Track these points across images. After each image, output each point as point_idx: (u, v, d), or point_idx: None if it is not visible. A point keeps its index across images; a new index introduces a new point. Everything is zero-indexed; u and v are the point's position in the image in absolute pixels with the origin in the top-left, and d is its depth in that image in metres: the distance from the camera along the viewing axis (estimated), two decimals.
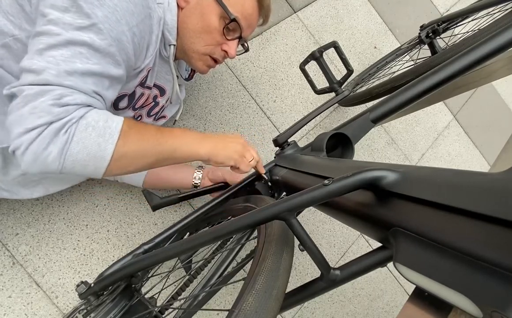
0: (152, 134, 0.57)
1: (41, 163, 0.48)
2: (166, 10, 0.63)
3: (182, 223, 0.69)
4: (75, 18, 0.47)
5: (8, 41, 0.54)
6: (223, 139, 0.67)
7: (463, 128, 1.66)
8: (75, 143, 0.48)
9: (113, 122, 0.51)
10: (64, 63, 0.47)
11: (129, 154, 0.53)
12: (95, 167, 0.51)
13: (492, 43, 0.53)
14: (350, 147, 0.65)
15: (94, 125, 0.49)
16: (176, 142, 0.60)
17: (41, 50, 0.47)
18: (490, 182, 0.26)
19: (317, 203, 0.37)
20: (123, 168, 0.54)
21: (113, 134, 0.50)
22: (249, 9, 0.68)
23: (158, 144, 0.57)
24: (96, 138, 0.49)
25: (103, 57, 0.51)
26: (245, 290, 0.34)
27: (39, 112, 0.46)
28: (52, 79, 0.46)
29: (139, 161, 0.56)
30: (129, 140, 0.53)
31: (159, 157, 0.58)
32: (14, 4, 0.53)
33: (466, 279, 0.23)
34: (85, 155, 0.49)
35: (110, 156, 0.50)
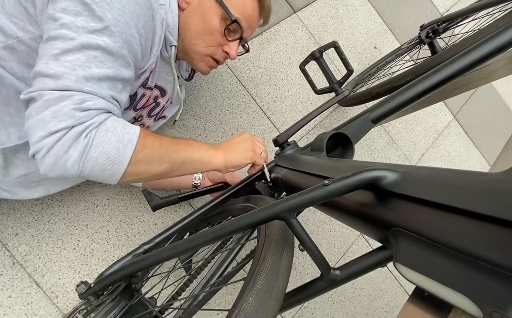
0: (168, 142, 0.59)
1: (61, 166, 0.48)
2: (167, 11, 0.63)
3: (182, 223, 0.69)
4: (88, 21, 0.48)
5: (12, 43, 0.54)
6: (232, 143, 0.69)
7: (463, 128, 1.66)
8: (95, 147, 0.48)
9: (132, 129, 0.53)
10: (81, 68, 0.48)
11: (146, 160, 0.55)
12: (113, 171, 0.51)
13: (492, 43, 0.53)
14: (350, 147, 0.65)
15: (113, 131, 0.50)
16: (191, 151, 0.62)
17: (57, 55, 0.47)
18: (490, 182, 0.26)
19: (317, 203, 0.37)
20: (139, 174, 0.55)
21: (131, 139, 0.52)
22: (249, 10, 0.68)
23: (174, 152, 0.59)
24: (115, 143, 0.50)
25: (116, 60, 0.51)
26: (245, 290, 0.34)
27: (61, 116, 0.46)
28: (72, 85, 0.47)
29: (155, 168, 0.57)
30: (147, 147, 0.54)
31: (174, 165, 0.60)
32: (18, 6, 0.53)
33: (466, 279, 0.23)
34: (104, 159, 0.49)
35: (128, 160, 0.51)
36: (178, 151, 0.60)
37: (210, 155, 0.65)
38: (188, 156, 0.61)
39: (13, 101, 0.57)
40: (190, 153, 0.62)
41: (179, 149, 0.60)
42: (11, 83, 0.56)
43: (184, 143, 0.62)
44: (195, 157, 0.63)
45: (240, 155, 0.68)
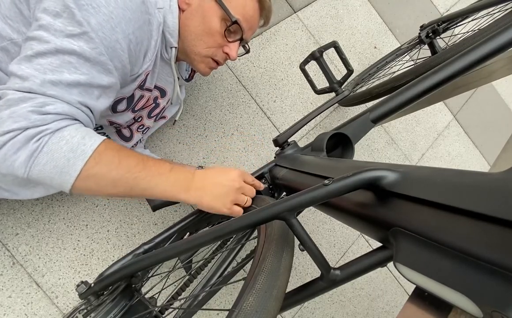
0: (132, 164, 0.54)
1: (9, 165, 0.47)
2: (167, 12, 0.63)
3: (182, 223, 0.69)
4: (66, 24, 0.47)
5: (6, 45, 0.54)
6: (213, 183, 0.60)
7: (463, 128, 1.66)
8: (44, 154, 0.47)
9: (90, 140, 0.50)
10: (51, 73, 0.47)
11: (98, 177, 0.51)
12: (61, 181, 0.49)
13: (492, 43, 0.53)
14: (350, 147, 0.65)
15: (68, 139, 0.48)
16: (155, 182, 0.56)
17: (30, 56, 0.47)
18: (490, 182, 0.26)
19: (317, 203, 0.37)
20: (89, 189, 0.52)
21: (85, 151, 0.49)
22: (250, 11, 0.68)
23: (133, 178, 0.54)
24: (66, 152, 0.48)
25: (92, 66, 0.50)
26: (245, 289, 0.34)
27: (17, 117, 0.46)
28: (35, 88, 0.46)
29: (108, 188, 0.53)
30: (102, 163, 0.51)
31: (129, 190, 0.55)
32: (13, 8, 0.53)
33: (466, 279, 0.23)
34: (52, 167, 0.48)
35: (77, 173, 0.49)
36: (140, 178, 0.54)
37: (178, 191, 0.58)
38: (151, 186, 0.56)
39: None
40: (154, 185, 0.56)
41: (141, 176, 0.54)
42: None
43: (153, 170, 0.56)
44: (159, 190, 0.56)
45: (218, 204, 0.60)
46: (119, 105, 0.67)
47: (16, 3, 0.53)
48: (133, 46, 0.55)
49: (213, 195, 0.60)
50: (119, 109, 0.68)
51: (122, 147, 0.55)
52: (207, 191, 0.60)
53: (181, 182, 0.59)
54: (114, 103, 0.66)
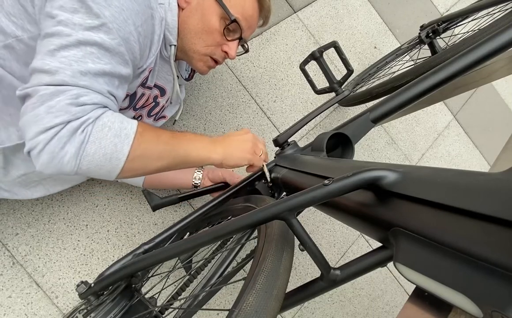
0: (167, 137, 0.58)
1: (57, 163, 0.47)
2: (167, 10, 0.63)
3: (182, 223, 0.69)
4: (85, 18, 0.47)
5: (11, 42, 0.54)
6: (233, 140, 0.67)
7: (463, 128, 1.66)
8: (92, 143, 0.48)
9: (129, 124, 0.52)
10: (77, 64, 0.47)
11: (144, 155, 0.54)
12: (111, 167, 0.51)
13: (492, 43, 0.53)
14: (350, 147, 0.65)
15: (110, 126, 0.49)
16: (189, 147, 0.61)
17: (53, 50, 0.47)
18: (490, 182, 0.26)
19: (317, 203, 0.37)
20: (137, 169, 0.55)
21: (129, 134, 0.51)
22: (249, 10, 0.68)
23: (172, 147, 0.58)
24: (112, 138, 0.49)
25: (113, 56, 0.51)
26: (245, 289, 0.34)
27: (56, 111, 0.45)
28: (67, 79, 0.46)
29: (153, 163, 0.56)
30: (144, 142, 0.53)
31: (172, 160, 0.59)
32: (17, 5, 0.53)
33: (466, 279, 0.23)
34: (101, 155, 0.49)
35: (126, 156, 0.51)
36: (177, 146, 0.59)
37: (208, 150, 0.64)
38: (187, 151, 0.60)
39: (13, 101, 0.57)
40: (189, 149, 0.61)
41: (177, 145, 0.59)
42: (11, 83, 0.56)
43: (183, 137, 0.61)
44: (194, 153, 0.62)
45: (239, 155, 0.67)
46: (122, 102, 0.67)
47: (19, 0, 0.53)
48: (142, 39, 0.56)
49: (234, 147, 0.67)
50: (121, 106, 0.68)
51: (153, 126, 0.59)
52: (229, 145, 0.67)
53: (207, 143, 0.64)
54: None
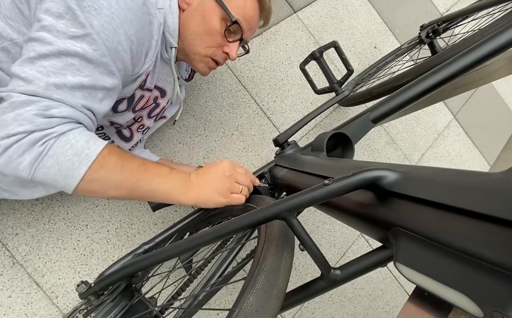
0: (133, 167, 0.55)
1: (14, 167, 0.47)
2: (167, 13, 0.63)
3: (182, 223, 0.69)
4: (69, 26, 0.47)
5: (7, 45, 0.54)
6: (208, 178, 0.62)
7: (463, 128, 1.66)
8: (49, 157, 0.48)
9: (94, 144, 0.51)
10: (55, 75, 0.47)
11: (102, 180, 0.52)
12: (65, 184, 0.50)
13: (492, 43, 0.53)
14: (350, 147, 0.65)
15: (73, 143, 0.49)
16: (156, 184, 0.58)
17: (33, 58, 0.47)
18: (490, 182, 0.26)
19: (318, 203, 0.37)
20: (94, 192, 0.53)
21: (89, 156, 0.50)
22: (250, 11, 0.68)
23: (137, 180, 0.56)
24: (71, 156, 0.49)
25: (95, 68, 0.50)
26: (245, 289, 0.34)
27: (22, 120, 0.46)
28: (40, 91, 0.46)
29: (111, 191, 0.54)
30: (105, 167, 0.52)
31: (133, 193, 0.56)
32: (14, 8, 0.53)
33: (466, 279, 0.23)
34: (56, 170, 0.48)
35: (81, 176, 0.50)
36: (142, 180, 0.56)
37: (179, 193, 0.60)
38: (152, 188, 0.57)
39: None
40: (155, 186, 0.57)
41: (143, 179, 0.56)
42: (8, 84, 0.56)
43: (153, 172, 0.58)
44: (160, 190, 0.58)
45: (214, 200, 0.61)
46: (120, 105, 0.67)
47: (16, 3, 0.53)
48: (135, 47, 0.55)
49: (209, 190, 0.61)
50: (119, 109, 0.68)
51: (124, 152, 0.57)
52: (203, 188, 0.61)
53: (179, 184, 0.60)
54: (115, 103, 0.66)
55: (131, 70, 0.58)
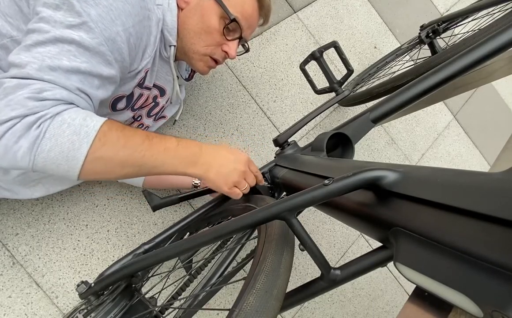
0: (138, 142, 0.52)
1: (11, 157, 0.45)
2: (166, 11, 0.63)
3: (182, 223, 0.69)
4: (66, 16, 0.47)
5: (6, 42, 0.54)
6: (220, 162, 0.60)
7: (463, 128, 1.66)
8: (47, 139, 0.45)
9: (92, 121, 0.48)
10: (49, 59, 0.46)
11: (105, 158, 0.49)
12: (68, 167, 0.48)
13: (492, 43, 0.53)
14: (350, 147, 0.65)
15: (70, 122, 0.46)
16: (163, 158, 0.55)
17: (29, 46, 0.46)
18: (490, 182, 0.26)
19: (318, 203, 0.37)
20: (99, 173, 0.51)
21: (89, 133, 0.47)
22: (249, 9, 0.68)
23: (142, 155, 0.52)
24: (70, 135, 0.46)
25: (92, 56, 0.50)
26: (245, 289, 0.34)
27: (14, 104, 0.44)
28: (33, 73, 0.45)
29: (117, 169, 0.51)
30: (108, 143, 0.49)
31: (140, 170, 0.53)
32: (13, 6, 0.53)
33: (466, 279, 0.23)
34: (57, 153, 0.46)
35: (83, 156, 0.47)
36: (147, 156, 0.53)
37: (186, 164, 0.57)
38: (158, 163, 0.54)
39: None
40: (161, 161, 0.54)
41: (148, 154, 0.53)
42: None
43: (159, 147, 0.54)
44: (167, 166, 0.55)
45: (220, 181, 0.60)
46: (119, 103, 0.67)
47: (15, 0, 0.53)
48: (133, 39, 0.55)
49: (219, 172, 0.59)
50: (118, 107, 0.68)
51: (125, 126, 0.54)
52: (214, 167, 0.59)
53: (188, 158, 0.57)
54: (113, 101, 0.66)
55: (129, 63, 0.58)
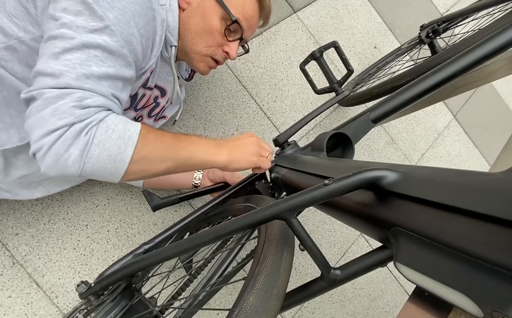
0: (170, 138, 0.58)
1: (62, 165, 0.47)
2: (167, 11, 0.63)
3: (182, 223, 0.69)
4: (89, 21, 0.47)
5: (13, 43, 0.54)
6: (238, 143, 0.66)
7: (463, 128, 1.66)
8: (96, 145, 0.48)
9: (132, 126, 0.52)
10: (81, 67, 0.47)
11: (148, 157, 0.54)
12: (115, 169, 0.51)
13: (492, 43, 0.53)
14: (350, 147, 0.65)
15: (114, 128, 0.49)
16: (193, 149, 0.60)
17: (57, 53, 0.47)
18: (491, 182, 0.26)
19: (318, 203, 0.37)
20: (141, 172, 0.55)
21: (132, 136, 0.51)
22: (250, 10, 0.68)
23: (176, 149, 0.58)
24: (116, 140, 0.49)
25: (116, 59, 0.51)
26: (245, 289, 0.34)
27: (61, 113, 0.46)
28: (72, 83, 0.47)
29: (158, 165, 0.56)
30: (148, 143, 0.53)
31: (176, 162, 0.58)
32: (19, 7, 0.53)
33: (466, 279, 0.23)
34: (105, 157, 0.49)
35: (129, 158, 0.51)
36: (181, 149, 0.58)
37: (214, 153, 0.62)
38: (191, 154, 0.59)
39: (14, 102, 0.57)
40: (193, 152, 0.60)
41: (181, 147, 0.58)
42: (12, 84, 0.56)
43: (186, 139, 0.61)
44: (198, 155, 0.60)
45: (245, 158, 0.65)
46: None
47: (21, 1, 0.53)
48: (144, 40, 0.56)
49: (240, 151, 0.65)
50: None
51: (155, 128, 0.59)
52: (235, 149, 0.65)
53: (212, 147, 0.62)
54: None
55: (141, 63, 0.59)
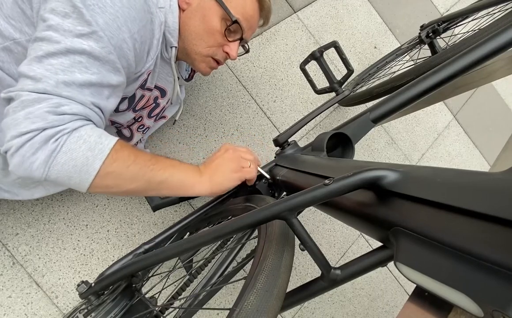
0: (146, 159, 0.56)
1: (27, 167, 0.47)
2: (167, 12, 0.63)
3: (182, 223, 0.69)
4: (75, 24, 0.47)
5: (9, 45, 0.54)
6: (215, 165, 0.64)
7: (463, 128, 1.66)
8: (63, 153, 0.48)
9: (106, 140, 0.51)
10: (63, 73, 0.47)
11: (116, 174, 0.52)
12: (79, 180, 0.50)
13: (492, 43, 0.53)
14: (350, 147, 0.65)
15: (86, 139, 0.49)
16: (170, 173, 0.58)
17: (40, 57, 0.47)
18: (491, 182, 0.26)
19: (318, 202, 0.37)
20: (108, 187, 0.53)
21: (103, 150, 0.50)
22: (250, 11, 0.68)
23: (150, 170, 0.56)
24: (85, 151, 0.49)
25: (102, 65, 0.50)
26: (246, 289, 0.34)
27: (34, 117, 0.46)
28: (50, 89, 0.47)
29: (126, 184, 0.54)
30: (119, 160, 0.52)
31: (148, 185, 0.56)
32: (15, 8, 0.53)
33: (467, 278, 0.23)
34: (71, 166, 0.48)
35: (96, 171, 0.50)
36: (156, 170, 0.56)
37: (193, 181, 0.60)
38: (166, 177, 0.58)
39: None
40: (169, 175, 0.58)
41: (156, 168, 0.56)
42: (10, 85, 0.56)
43: (165, 163, 0.59)
44: (174, 180, 0.58)
45: (227, 178, 0.63)
46: (121, 104, 0.67)
47: (18, 3, 0.53)
48: (138, 45, 0.56)
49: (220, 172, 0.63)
50: (120, 108, 0.68)
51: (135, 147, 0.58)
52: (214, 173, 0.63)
53: (191, 174, 0.61)
54: None
55: (134, 68, 0.59)
